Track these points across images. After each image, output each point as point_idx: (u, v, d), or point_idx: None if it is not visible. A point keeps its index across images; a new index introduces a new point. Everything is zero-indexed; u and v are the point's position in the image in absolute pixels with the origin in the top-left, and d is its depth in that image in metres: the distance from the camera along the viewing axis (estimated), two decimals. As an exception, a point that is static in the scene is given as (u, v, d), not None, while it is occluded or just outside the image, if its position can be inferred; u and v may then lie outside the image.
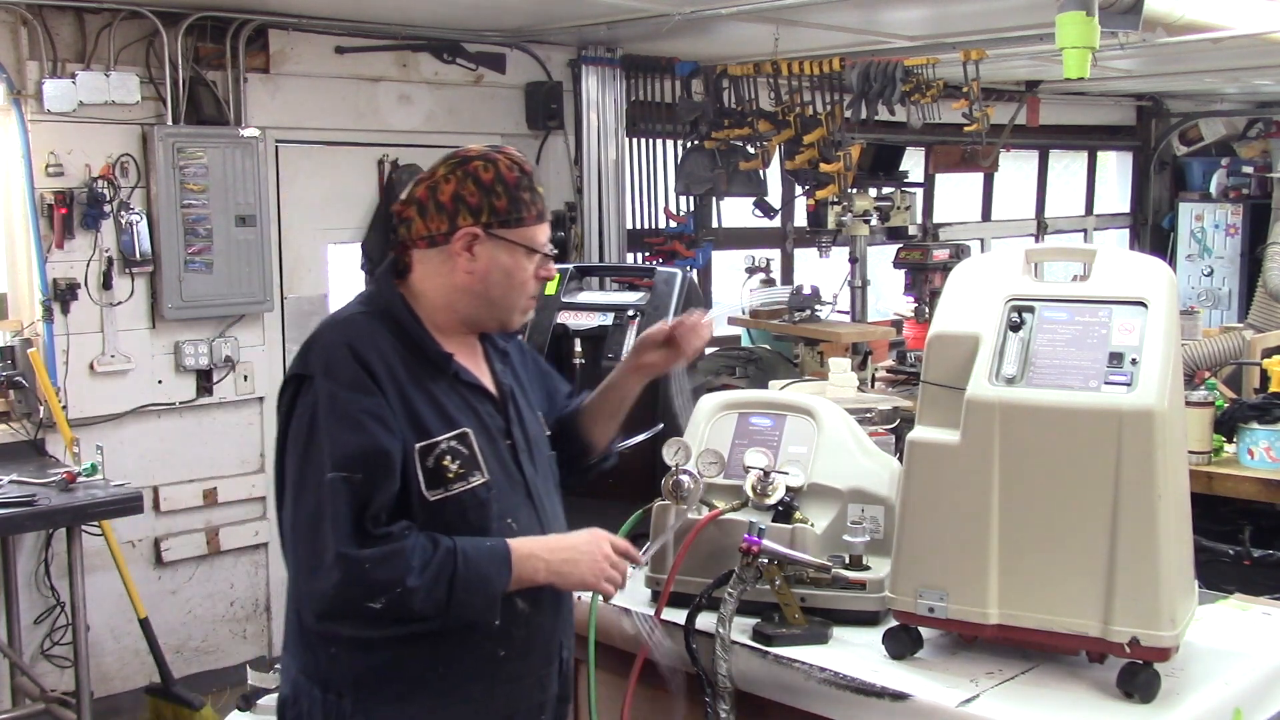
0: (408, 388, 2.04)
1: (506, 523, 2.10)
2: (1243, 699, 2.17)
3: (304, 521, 1.98)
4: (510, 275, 2.12)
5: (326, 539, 1.93)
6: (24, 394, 4.87)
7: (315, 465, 1.98)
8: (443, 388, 2.09)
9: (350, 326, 2.09)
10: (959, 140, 7.78)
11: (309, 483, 1.98)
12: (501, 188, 2.09)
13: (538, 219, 2.13)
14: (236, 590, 5.56)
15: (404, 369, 2.05)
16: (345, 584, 1.93)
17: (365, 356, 2.02)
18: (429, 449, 2.03)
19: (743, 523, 2.41)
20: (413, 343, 2.09)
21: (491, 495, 2.08)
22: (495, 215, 2.09)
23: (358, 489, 1.95)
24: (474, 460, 2.07)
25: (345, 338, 2.05)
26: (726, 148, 6.56)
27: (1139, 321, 2.12)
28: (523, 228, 2.11)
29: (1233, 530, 4.18)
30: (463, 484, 2.05)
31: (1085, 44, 3.89)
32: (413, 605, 1.95)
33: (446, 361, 2.11)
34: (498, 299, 2.13)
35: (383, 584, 1.93)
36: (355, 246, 5.85)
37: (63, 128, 4.88)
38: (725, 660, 2.30)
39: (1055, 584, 2.10)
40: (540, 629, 2.14)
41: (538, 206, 2.13)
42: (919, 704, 2.10)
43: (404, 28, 5.75)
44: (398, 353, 2.06)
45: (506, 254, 2.10)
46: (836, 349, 5.91)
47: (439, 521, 2.03)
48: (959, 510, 2.16)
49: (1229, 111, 10.38)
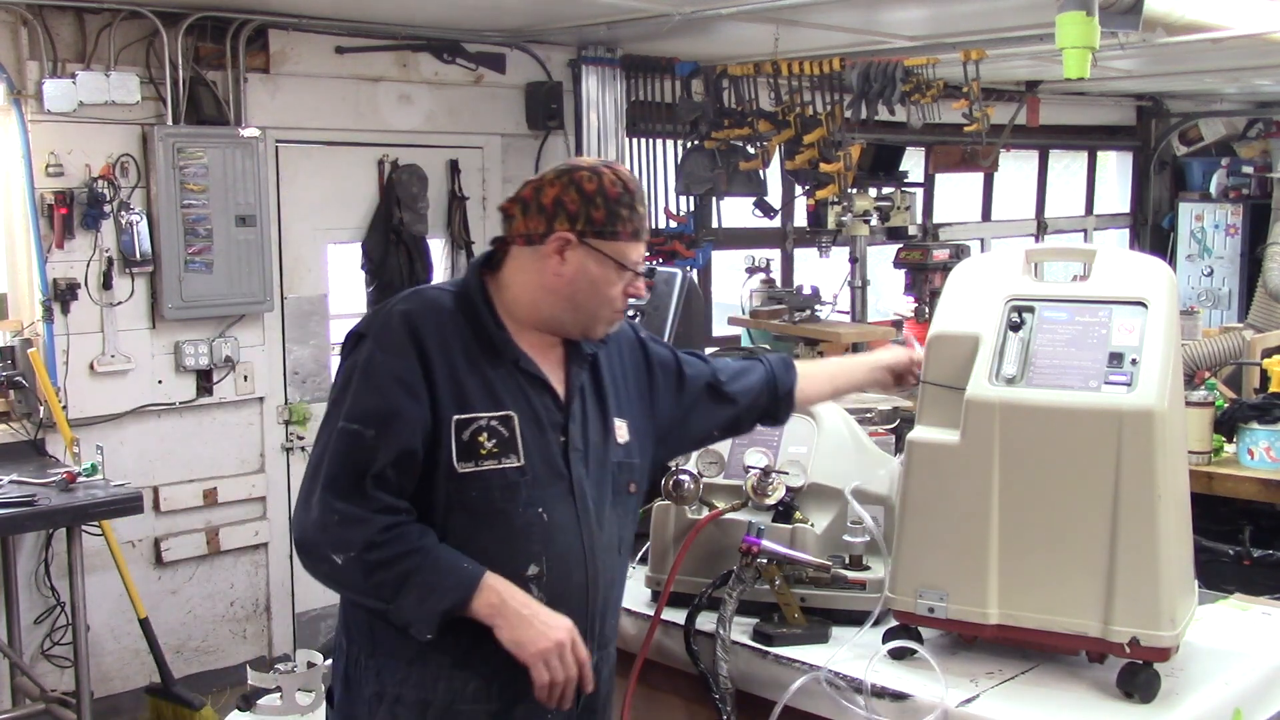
0: (460, 364, 2.09)
1: (536, 511, 2.11)
2: (1243, 699, 2.17)
3: (312, 460, 2.08)
4: (596, 285, 2.15)
5: (319, 479, 2.02)
6: (24, 394, 4.87)
7: (335, 414, 2.07)
8: (500, 373, 2.13)
9: (419, 299, 2.15)
10: (959, 140, 7.78)
11: (326, 427, 2.08)
12: (601, 199, 2.13)
13: (632, 236, 2.15)
14: (236, 590, 5.56)
15: (462, 347, 2.11)
16: (318, 527, 2.01)
17: (419, 327, 2.08)
18: (466, 423, 2.07)
19: (743, 523, 2.42)
20: (479, 326, 2.14)
21: (523, 480, 2.10)
22: (591, 225, 2.13)
23: (364, 443, 2.01)
24: (512, 443, 2.09)
25: (408, 306, 2.12)
26: (726, 148, 6.55)
27: (1139, 321, 2.13)
28: (616, 241, 2.14)
29: (1233, 530, 4.19)
30: (494, 462, 2.08)
31: (1085, 44, 3.89)
32: (362, 578, 2.00)
33: (506, 347, 2.15)
34: (582, 306, 2.16)
35: (346, 542, 1.99)
36: (355, 246, 5.85)
37: (63, 128, 4.88)
38: (726, 660, 2.30)
39: (1055, 584, 2.10)
40: None
41: (635, 224, 2.15)
42: (919, 704, 2.10)
43: (404, 28, 5.74)
44: (461, 332, 2.12)
45: (596, 264, 2.14)
46: (836, 349, 5.91)
47: (465, 495, 2.07)
48: (959, 510, 2.16)
49: (1229, 111, 10.38)
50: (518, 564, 2.09)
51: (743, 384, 2.46)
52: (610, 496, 2.23)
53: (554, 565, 2.12)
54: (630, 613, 2.51)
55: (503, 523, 2.09)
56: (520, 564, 2.09)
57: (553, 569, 2.11)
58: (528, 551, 2.10)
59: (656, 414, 2.36)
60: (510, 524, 2.09)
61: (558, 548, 2.12)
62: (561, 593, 2.12)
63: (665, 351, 2.44)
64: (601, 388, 2.27)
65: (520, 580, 2.09)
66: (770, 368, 2.51)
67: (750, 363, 2.52)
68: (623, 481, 2.27)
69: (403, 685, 2.10)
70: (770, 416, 2.52)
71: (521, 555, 2.09)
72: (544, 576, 2.11)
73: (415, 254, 5.87)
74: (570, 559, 2.13)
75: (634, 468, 2.29)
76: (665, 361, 2.41)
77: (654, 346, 2.43)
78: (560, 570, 2.12)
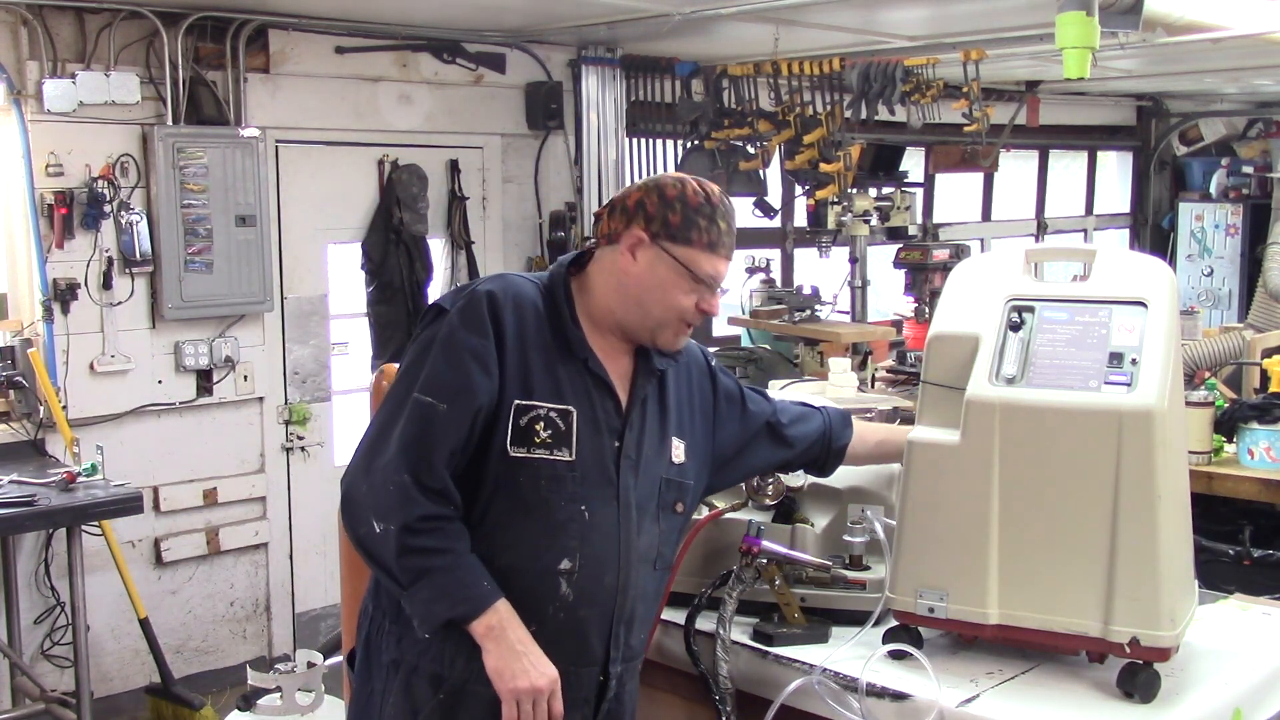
0: (532, 352, 2.13)
1: (579, 508, 2.12)
2: (1243, 699, 2.17)
3: (379, 421, 2.11)
4: (664, 289, 2.17)
5: (387, 445, 2.05)
6: (24, 394, 4.87)
7: (408, 383, 2.11)
8: (569, 370, 2.16)
9: (504, 283, 2.19)
10: (959, 140, 7.77)
11: (396, 396, 2.11)
12: (680, 205, 2.17)
13: (708, 248, 2.17)
14: (236, 590, 5.56)
15: (537, 337, 2.14)
16: (373, 490, 2.04)
17: (500, 308, 2.12)
18: (526, 409, 2.11)
19: (742, 523, 2.42)
20: (557, 321, 2.17)
21: (572, 475, 2.12)
22: (666, 227, 2.16)
23: (437, 415, 2.06)
24: (567, 437, 2.12)
25: (493, 288, 2.16)
26: (726, 148, 6.55)
27: (1139, 321, 2.13)
28: (689, 248, 2.16)
29: (1233, 530, 4.18)
30: (546, 452, 2.11)
31: (1085, 44, 3.89)
32: (391, 554, 2.03)
33: (579, 346, 2.18)
34: (648, 308, 2.18)
35: (392, 513, 2.02)
36: (355, 246, 5.85)
37: (63, 128, 4.88)
38: (726, 661, 2.30)
39: (1055, 584, 2.10)
40: (578, 623, 2.14)
41: (712, 236, 2.17)
42: (919, 704, 2.10)
43: (404, 28, 5.74)
44: (539, 323, 2.16)
45: (666, 267, 2.16)
46: (836, 349, 5.91)
47: (512, 480, 2.10)
48: (959, 510, 2.16)
49: (1229, 111, 10.37)
50: (553, 556, 2.11)
51: (801, 430, 2.47)
52: (654, 511, 2.24)
53: (587, 564, 2.13)
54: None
55: (544, 513, 2.11)
56: (555, 557, 2.11)
57: (585, 567, 2.13)
58: (564, 546, 2.12)
59: (717, 442, 2.38)
60: (551, 515, 2.11)
61: (593, 547, 2.13)
62: (591, 592, 2.14)
63: (732, 384, 2.46)
64: (665, 404, 2.29)
65: (552, 574, 2.11)
66: (829, 421, 2.51)
67: (810, 410, 2.53)
68: (669, 499, 2.28)
69: (421, 657, 2.13)
70: (818, 466, 2.52)
71: (557, 548, 2.11)
72: (575, 573, 2.12)
73: (415, 254, 5.87)
74: (604, 561, 2.15)
75: (685, 489, 2.30)
76: (731, 393, 2.43)
77: (722, 377, 2.45)
78: (592, 570, 2.13)
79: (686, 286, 2.17)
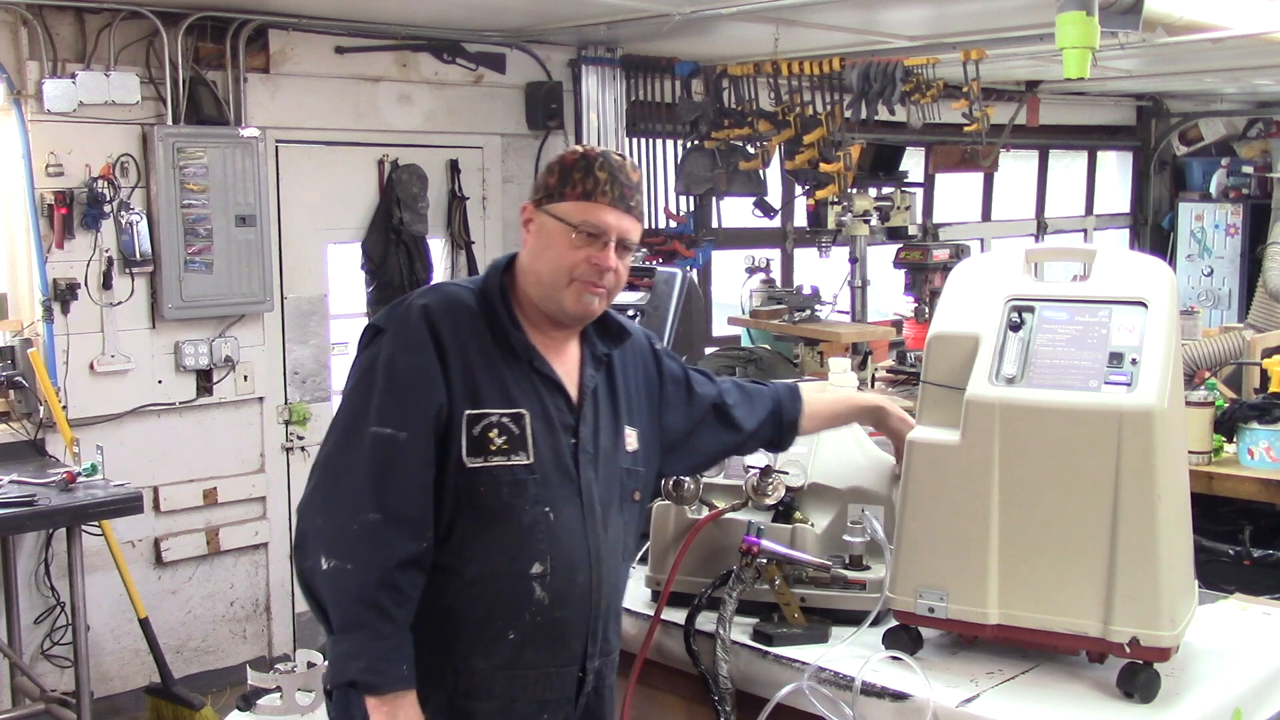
0: (475, 360, 2.11)
1: (543, 510, 2.11)
2: (1243, 699, 2.17)
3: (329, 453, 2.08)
4: (550, 249, 2.14)
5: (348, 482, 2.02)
6: (24, 394, 4.87)
7: (356, 412, 2.07)
8: (515, 372, 2.14)
9: (439, 294, 2.17)
10: (959, 140, 7.78)
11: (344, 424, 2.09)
12: (558, 167, 2.17)
13: (583, 197, 2.13)
14: (236, 590, 5.56)
15: (479, 344, 2.12)
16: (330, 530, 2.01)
17: (436, 322, 2.10)
18: (478, 418, 2.08)
19: (743, 523, 2.42)
20: (497, 325, 2.15)
21: (532, 479, 2.10)
22: (544, 191, 2.17)
23: (398, 446, 2.03)
24: (522, 440, 2.10)
25: (427, 301, 2.13)
26: (726, 148, 6.55)
27: (1139, 321, 2.12)
28: (563, 202, 2.14)
29: (1233, 530, 4.18)
30: (503, 459, 2.08)
31: (1085, 44, 3.89)
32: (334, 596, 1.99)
33: (522, 347, 2.16)
34: (544, 276, 2.16)
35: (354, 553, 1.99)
36: (355, 246, 5.85)
37: (63, 128, 4.88)
38: (726, 661, 2.30)
39: (1055, 584, 2.10)
40: (556, 624, 2.13)
41: (587, 186, 2.13)
42: (919, 704, 2.10)
43: (404, 28, 5.74)
44: (479, 330, 2.13)
45: (549, 228, 2.15)
46: (836, 349, 5.91)
47: (473, 491, 2.07)
48: (959, 510, 2.16)
49: (1229, 111, 10.37)
50: (523, 562, 2.10)
51: (749, 411, 2.46)
52: (617, 502, 2.23)
53: (558, 565, 2.12)
54: (630, 613, 2.51)
55: (510, 519, 2.09)
56: (525, 562, 2.10)
57: (557, 569, 2.11)
58: (533, 550, 2.10)
59: (664, 426, 2.37)
60: (517, 521, 2.09)
61: (563, 548, 2.12)
62: (565, 593, 2.13)
63: (677, 367, 2.44)
64: (615, 393, 2.28)
65: (524, 579, 2.09)
66: (778, 397, 2.51)
67: (758, 388, 2.53)
68: (629, 489, 2.27)
69: None
70: (774, 444, 2.52)
71: (526, 553, 2.10)
72: (548, 575, 2.11)
73: (415, 254, 5.87)
74: (575, 560, 2.14)
75: (639, 476, 2.30)
76: (676, 376, 2.42)
77: (667, 360, 2.43)
78: (565, 570, 2.12)
79: (570, 242, 2.13)
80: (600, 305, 2.19)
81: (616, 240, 2.15)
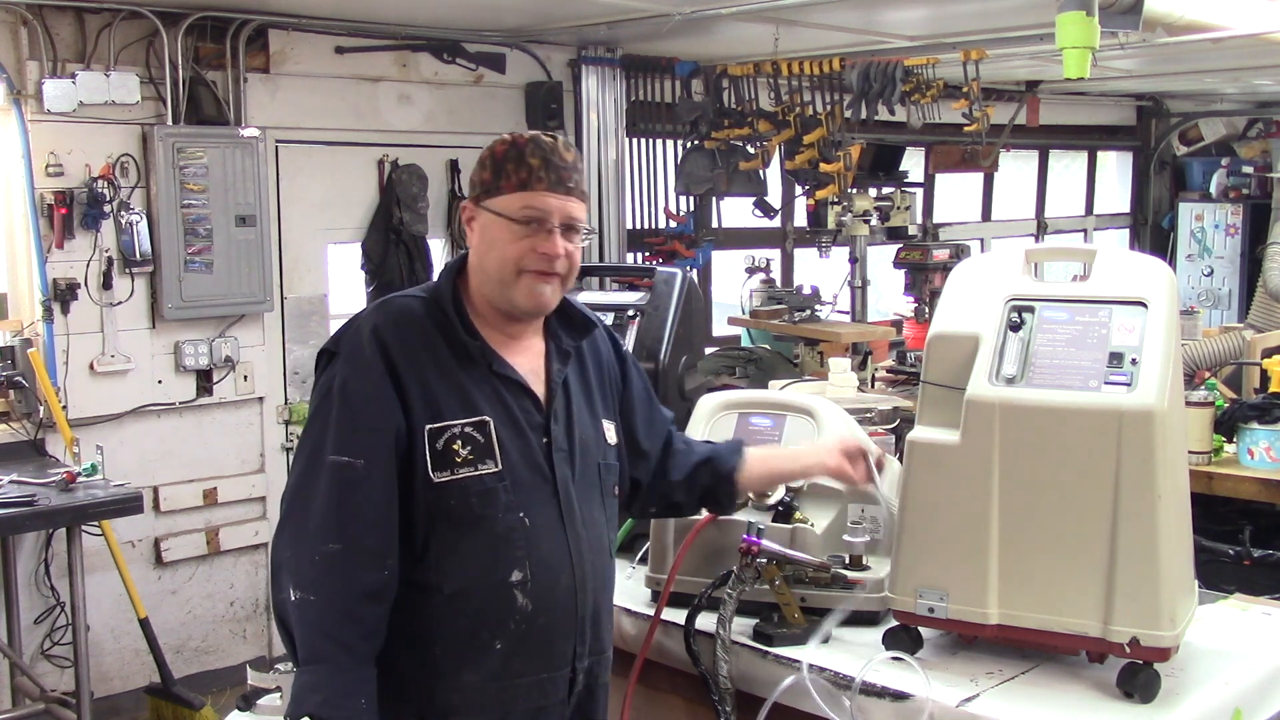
0: (431, 372, 2.07)
1: (518, 516, 2.08)
2: (1243, 699, 2.17)
3: (294, 483, 2.07)
4: (494, 245, 2.11)
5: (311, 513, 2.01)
6: (24, 394, 4.87)
7: (315, 440, 2.05)
8: (474, 377, 2.10)
9: (386, 310, 2.13)
10: (959, 140, 7.78)
11: (306, 451, 2.07)
12: (489, 161, 2.14)
13: (519, 187, 2.10)
14: (236, 590, 5.56)
15: (433, 355, 2.07)
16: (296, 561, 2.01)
17: (385, 341, 2.06)
18: (440, 431, 2.05)
19: (742, 523, 2.41)
20: (451, 332, 2.11)
21: (503, 486, 2.07)
22: (482, 188, 2.14)
23: (356, 474, 2.01)
24: (488, 448, 2.07)
25: (375, 320, 2.10)
26: (726, 148, 6.55)
27: (1139, 321, 2.12)
28: (500, 195, 2.11)
29: (1233, 530, 4.18)
30: (470, 470, 2.05)
31: (1085, 44, 3.89)
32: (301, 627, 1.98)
33: (479, 351, 2.12)
34: (493, 273, 2.13)
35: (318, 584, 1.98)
36: (355, 246, 5.85)
37: (63, 128, 4.88)
38: (726, 661, 2.30)
39: (1055, 584, 2.10)
40: (543, 630, 2.12)
41: (521, 176, 2.10)
42: (919, 704, 2.10)
43: (404, 28, 5.74)
44: (432, 339, 2.09)
45: (491, 224, 2.12)
46: (836, 349, 5.91)
47: (444, 504, 2.05)
48: (959, 510, 2.16)
49: (1229, 111, 10.37)
50: (501, 570, 2.07)
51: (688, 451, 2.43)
52: (597, 498, 2.21)
53: (539, 571, 2.09)
54: (630, 613, 2.51)
55: (484, 530, 2.07)
56: (504, 571, 2.07)
57: (538, 574, 2.09)
58: (510, 557, 2.08)
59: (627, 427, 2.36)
60: (491, 530, 2.07)
61: (542, 552, 2.10)
62: (548, 597, 2.11)
63: (644, 385, 2.42)
64: (589, 384, 2.26)
65: (505, 588, 2.07)
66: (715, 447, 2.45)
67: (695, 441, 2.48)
68: (609, 483, 2.25)
69: (395, 698, 2.08)
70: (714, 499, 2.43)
71: (504, 561, 2.07)
72: (529, 582, 2.08)
73: (415, 254, 5.87)
74: (556, 563, 2.11)
75: (616, 470, 2.29)
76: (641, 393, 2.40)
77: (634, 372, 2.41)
78: (546, 574, 2.10)
79: (512, 234, 2.09)
80: (554, 294, 2.15)
81: (561, 224, 2.11)
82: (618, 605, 2.49)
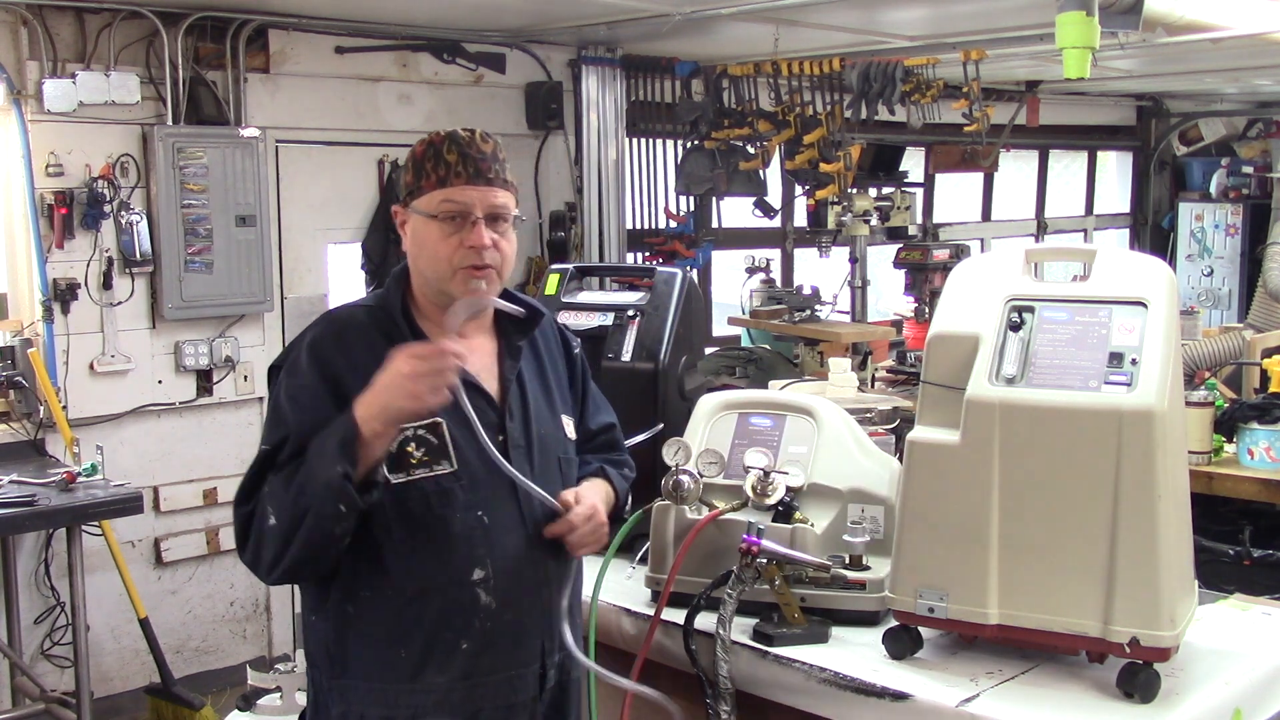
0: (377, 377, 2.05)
1: (476, 514, 2.10)
2: (1243, 699, 2.17)
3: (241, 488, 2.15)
4: (425, 246, 2.12)
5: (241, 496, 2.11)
6: (24, 394, 4.87)
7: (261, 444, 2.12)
8: None
9: (328, 322, 2.17)
10: (959, 140, 7.78)
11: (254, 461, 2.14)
12: (411, 164, 2.15)
13: (439, 184, 2.10)
14: (236, 590, 5.56)
15: (377, 360, 2.03)
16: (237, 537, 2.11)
17: (324, 354, 2.09)
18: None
19: (742, 523, 2.41)
20: (397, 336, 2.11)
21: (459, 485, 2.08)
22: (407, 190, 2.15)
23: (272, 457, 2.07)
24: (443, 449, 2.08)
25: (316, 334, 2.14)
26: (726, 148, 6.56)
27: (1139, 321, 2.12)
28: (423, 195, 2.12)
29: (1233, 530, 4.18)
30: (425, 471, 2.07)
31: (1085, 44, 3.89)
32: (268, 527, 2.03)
33: None
34: (428, 274, 2.14)
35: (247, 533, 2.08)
36: (355, 246, 5.85)
37: (63, 128, 4.88)
38: (726, 661, 2.30)
39: (1055, 584, 2.10)
40: (509, 626, 2.13)
41: (440, 173, 2.10)
42: (919, 704, 2.09)
43: (404, 28, 5.75)
44: (376, 346, 2.08)
45: (421, 225, 2.13)
46: (836, 349, 5.91)
47: (402, 506, 2.07)
48: (959, 510, 2.15)
49: (1229, 111, 10.38)
50: (463, 570, 2.09)
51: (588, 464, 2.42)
52: (555, 489, 2.20)
53: (500, 567, 2.11)
54: (630, 613, 2.51)
55: (442, 530, 2.08)
56: (465, 569, 2.09)
57: (499, 571, 2.11)
58: (471, 556, 2.09)
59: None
60: (450, 530, 2.08)
61: (503, 549, 2.11)
62: (513, 594, 2.12)
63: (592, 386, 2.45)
64: (545, 377, 2.28)
65: (467, 586, 2.09)
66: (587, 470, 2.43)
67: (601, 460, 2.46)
68: (570, 476, 2.27)
69: (365, 703, 2.10)
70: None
71: (465, 560, 2.09)
72: (491, 579, 2.10)
73: (415, 254, 5.87)
74: (518, 559, 2.13)
75: (576, 464, 2.31)
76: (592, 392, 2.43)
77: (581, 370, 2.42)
78: (508, 572, 2.12)
79: (440, 232, 2.10)
80: (491, 288, 2.15)
81: (485, 215, 2.11)
82: (618, 605, 2.49)
